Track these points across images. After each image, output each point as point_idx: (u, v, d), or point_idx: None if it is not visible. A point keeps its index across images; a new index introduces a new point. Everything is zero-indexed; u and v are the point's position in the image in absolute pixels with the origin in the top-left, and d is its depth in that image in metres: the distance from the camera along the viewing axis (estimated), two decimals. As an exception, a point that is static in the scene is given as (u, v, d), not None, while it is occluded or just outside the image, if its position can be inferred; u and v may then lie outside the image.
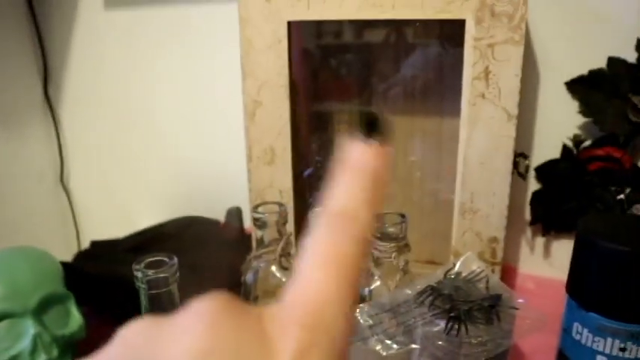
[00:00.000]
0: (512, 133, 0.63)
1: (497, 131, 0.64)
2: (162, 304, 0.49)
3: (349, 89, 0.81)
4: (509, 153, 0.64)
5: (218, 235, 0.80)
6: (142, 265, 0.48)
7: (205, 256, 0.74)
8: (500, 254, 0.67)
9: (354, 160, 0.26)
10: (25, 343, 0.55)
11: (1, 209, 0.90)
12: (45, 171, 0.99)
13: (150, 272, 0.48)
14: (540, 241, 0.82)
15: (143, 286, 0.48)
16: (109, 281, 0.70)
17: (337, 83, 0.82)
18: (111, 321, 0.71)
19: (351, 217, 0.24)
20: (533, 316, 0.49)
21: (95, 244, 0.85)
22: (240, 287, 0.63)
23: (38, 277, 0.58)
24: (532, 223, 0.79)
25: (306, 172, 0.82)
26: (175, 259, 0.49)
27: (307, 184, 0.82)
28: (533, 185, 0.79)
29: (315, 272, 0.23)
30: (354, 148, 0.26)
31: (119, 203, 1.00)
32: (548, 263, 0.82)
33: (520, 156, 0.67)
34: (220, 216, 0.83)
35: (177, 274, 0.49)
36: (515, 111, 0.63)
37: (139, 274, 0.48)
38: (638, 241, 0.45)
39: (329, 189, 0.26)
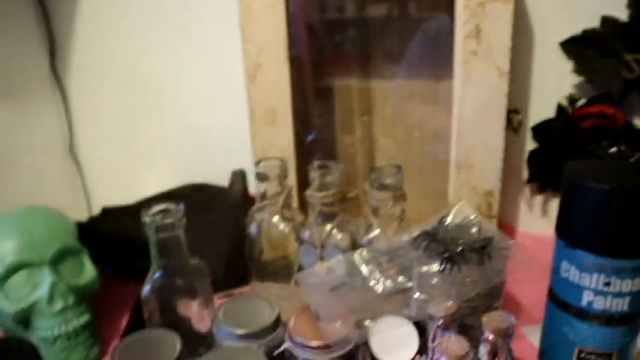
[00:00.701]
0: (505, 89, 0.65)
1: (489, 88, 0.66)
2: (170, 249, 0.52)
3: (351, 59, 0.82)
4: (501, 109, 0.66)
5: (224, 199, 0.83)
6: (151, 212, 0.51)
7: (212, 217, 0.77)
8: (496, 207, 0.69)
9: None
10: (42, 291, 0.58)
11: (12, 181, 0.92)
12: (54, 142, 1.01)
13: (157, 218, 0.50)
14: (538, 199, 0.84)
15: (151, 231, 0.51)
16: (119, 240, 0.73)
17: (339, 53, 0.83)
18: (121, 277, 0.74)
19: None
20: (523, 257, 0.52)
21: (106, 210, 0.88)
22: (244, 243, 0.66)
23: (53, 231, 0.61)
24: (529, 181, 0.81)
25: (309, 137, 0.85)
26: (181, 206, 0.52)
27: (310, 149, 0.84)
28: (530, 145, 0.80)
29: None
30: None
31: (128, 172, 1.03)
32: (546, 221, 0.84)
33: (513, 112, 0.69)
34: (226, 180, 0.85)
35: (184, 220, 0.52)
36: (506, 67, 0.65)
37: (148, 220, 0.50)
38: (618, 180, 0.47)
39: None
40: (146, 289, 0.53)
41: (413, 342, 0.49)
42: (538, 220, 0.85)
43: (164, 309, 0.53)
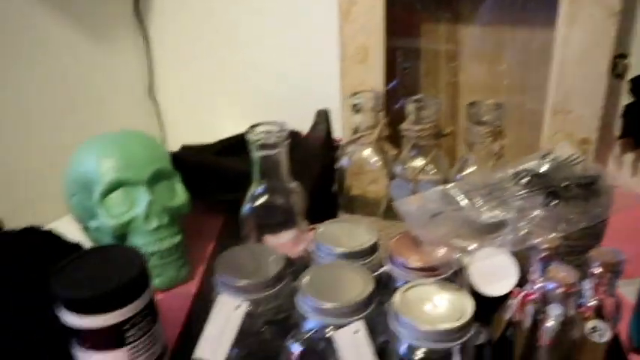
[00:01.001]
0: (613, 31, 0.63)
1: (596, 29, 0.63)
2: (271, 170, 0.53)
3: (438, 7, 0.80)
4: (607, 52, 0.63)
5: (304, 142, 0.83)
6: (256, 130, 0.52)
7: (297, 152, 0.77)
8: (592, 156, 0.66)
9: None
10: (140, 209, 0.60)
11: (92, 121, 0.95)
12: (134, 83, 1.04)
13: (262, 135, 0.51)
14: (629, 157, 0.80)
15: (255, 149, 0.51)
16: (203, 171, 0.74)
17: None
18: (208, 206, 0.76)
19: None
20: (629, 195, 0.50)
21: (185, 148, 0.90)
22: (328, 181, 0.66)
23: (151, 153, 0.63)
24: (622, 136, 0.77)
25: (391, 85, 0.83)
26: (286, 127, 0.52)
27: (393, 95, 0.83)
28: (626, 98, 0.77)
29: None
30: None
31: (206, 115, 1.04)
32: (636, 181, 0.81)
33: (619, 57, 0.66)
34: (305, 124, 0.85)
35: (287, 142, 0.52)
36: (617, 7, 0.62)
37: (252, 137, 0.51)
38: None
39: None
40: (246, 207, 0.53)
41: (512, 274, 0.48)
42: (627, 179, 0.81)
43: (262, 227, 0.53)
